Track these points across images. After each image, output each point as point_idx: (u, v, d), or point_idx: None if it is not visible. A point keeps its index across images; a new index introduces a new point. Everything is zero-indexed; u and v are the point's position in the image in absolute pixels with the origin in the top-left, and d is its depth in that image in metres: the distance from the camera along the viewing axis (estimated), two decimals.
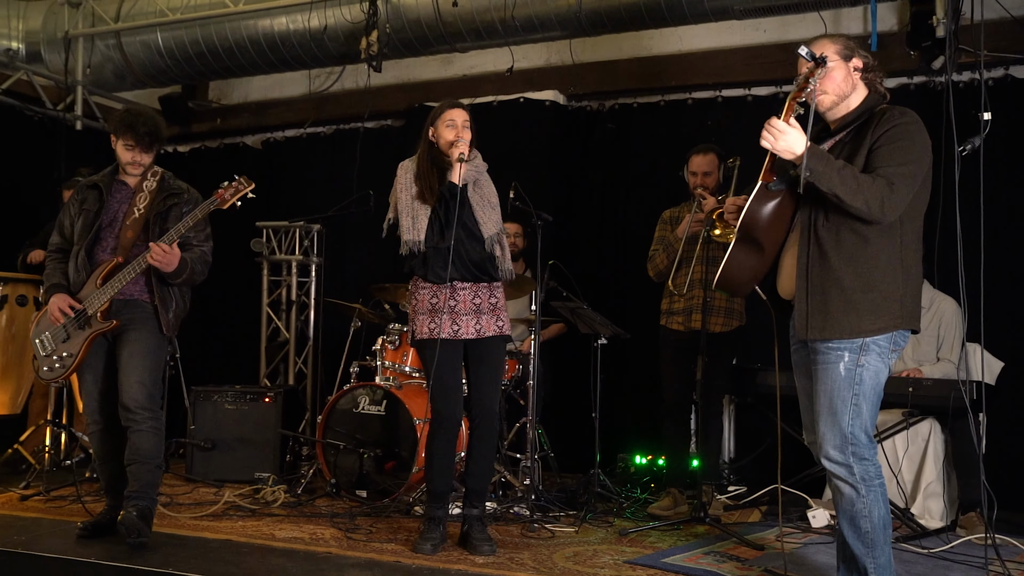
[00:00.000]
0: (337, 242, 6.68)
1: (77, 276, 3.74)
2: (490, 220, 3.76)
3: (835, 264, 2.74)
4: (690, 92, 5.98)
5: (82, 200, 3.86)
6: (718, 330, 4.58)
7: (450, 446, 3.75)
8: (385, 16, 5.89)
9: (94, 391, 3.79)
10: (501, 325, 3.80)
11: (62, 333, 3.73)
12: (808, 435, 2.96)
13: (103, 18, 6.53)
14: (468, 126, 3.75)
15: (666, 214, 4.88)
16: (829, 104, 2.84)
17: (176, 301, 3.82)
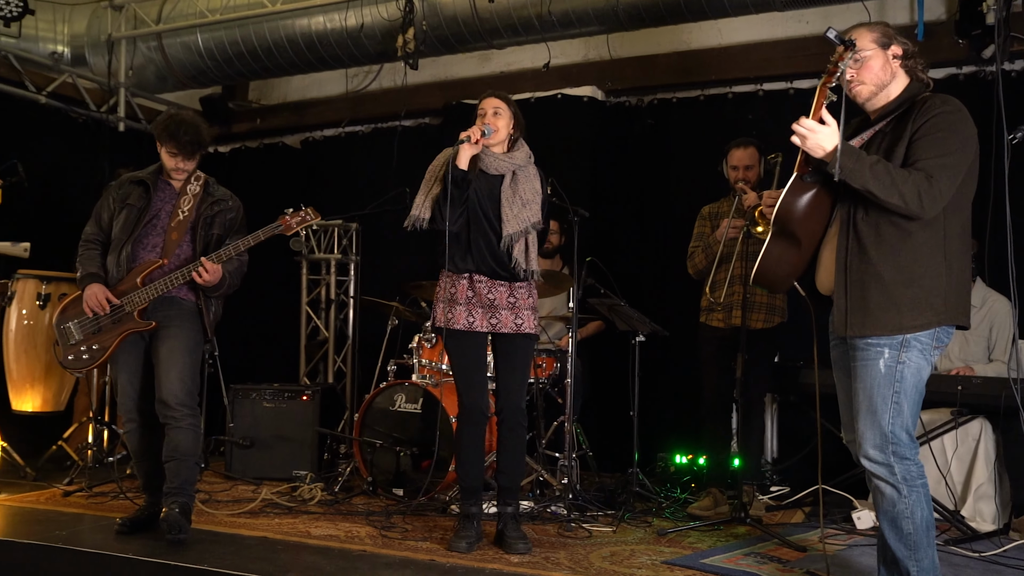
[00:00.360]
0: (375, 240, 6.68)
1: (117, 271, 3.77)
2: (516, 217, 3.65)
3: (875, 258, 2.65)
4: (730, 86, 5.88)
5: (125, 195, 3.89)
6: (759, 326, 4.49)
7: (477, 439, 3.72)
8: (421, 14, 5.87)
9: (130, 389, 3.82)
10: (520, 323, 3.70)
11: (93, 325, 3.75)
12: (847, 434, 2.87)
13: (145, 20, 6.60)
14: (500, 113, 3.70)
15: (705, 210, 4.80)
16: (867, 95, 2.75)
17: (215, 308, 3.90)
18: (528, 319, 3.73)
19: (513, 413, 3.71)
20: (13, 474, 4.90)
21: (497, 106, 3.71)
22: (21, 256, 4.81)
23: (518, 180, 3.70)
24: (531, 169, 3.75)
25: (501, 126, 3.70)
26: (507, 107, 3.73)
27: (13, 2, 5.91)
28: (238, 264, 3.88)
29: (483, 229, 3.67)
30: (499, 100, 3.73)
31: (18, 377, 4.94)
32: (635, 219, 6.03)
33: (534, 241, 3.71)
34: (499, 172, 3.70)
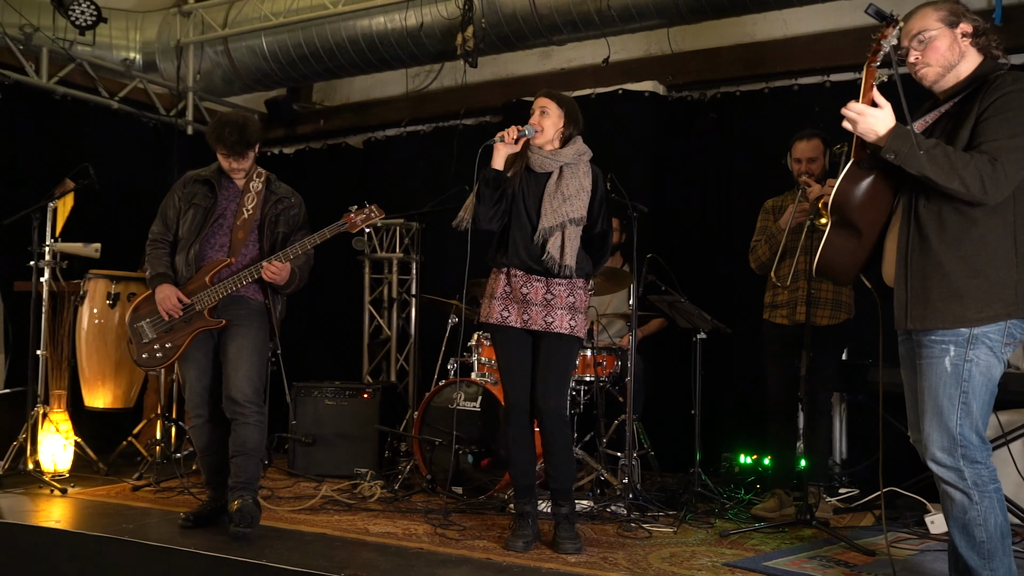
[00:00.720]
0: (438, 239, 6.69)
1: (186, 270, 3.86)
2: (554, 212, 3.57)
3: (936, 248, 2.53)
4: (796, 78, 5.73)
5: (191, 194, 3.97)
6: (824, 323, 4.36)
7: (523, 437, 3.67)
8: (480, 11, 5.86)
9: (198, 385, 3.89)
10: (550, 321, 3.59)
11: (165, 323, 3.84)
12: (914, 433, 2.75)
13: (212, 26, 6.73)
14: (547, 112, 3.66)
15: (768, 203, 4.68)
16: (934, 76, 2.63)
17: (282, 302, 3.97)
18: (561, 318, 3.60)
19: (547, 416, 3.61)
20: (87, 469, 5.05)
21: (544, 105, 3.67)
22: (92, 257, 4.93)
23: (564, 176, 3.64)
24: (581, 166, 3.68)
25: (547, 125, 3.65)
26: (555, 105, 3.67)
27: (88, 11, 6.06)
28: (305, 260, 3.93)
29: (522, 224, 3.64)
30: (547, 99, 3.69)
31: (90, 375, 5.08)
32: (697, 215, 5.92)
33: (573, 236, 3.59)
34: (546, 170, 3.66)
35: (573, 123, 3.71)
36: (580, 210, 3.60)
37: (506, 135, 3.60)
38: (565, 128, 3.68)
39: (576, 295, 3.66)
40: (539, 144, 3.68)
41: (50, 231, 4.84)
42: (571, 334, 3.62)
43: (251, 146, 3.90)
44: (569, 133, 3.70)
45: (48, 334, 4.92)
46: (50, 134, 6.11)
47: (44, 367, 4.92)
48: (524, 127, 3.64)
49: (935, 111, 2.67)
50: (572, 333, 3.62)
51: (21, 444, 4.72)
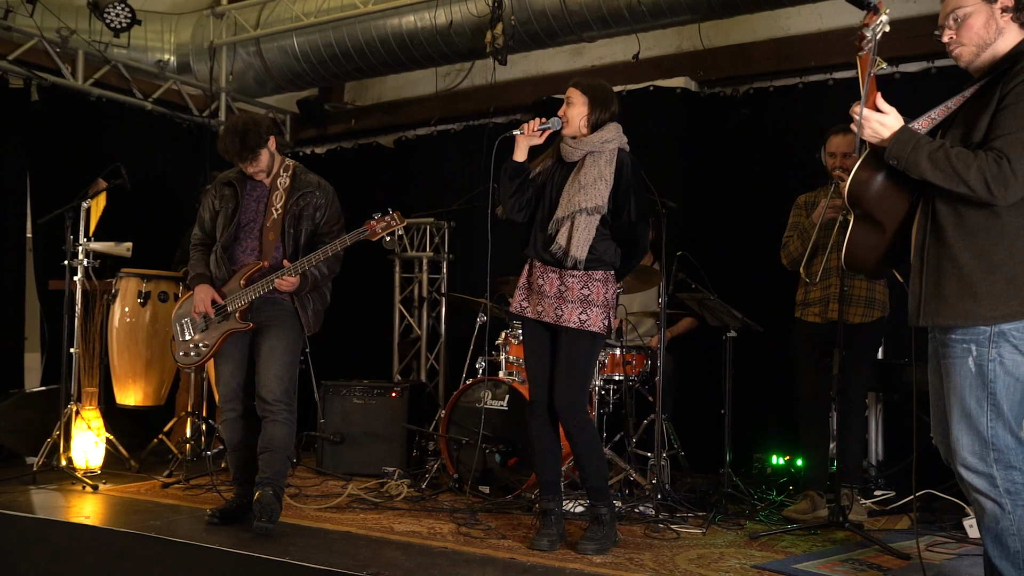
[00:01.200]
0: (468, 237, 6.68)
1: (218, 272, 3.90)
2: (569, 202, 3.50)
3: (951, 241, 2.42)
4: (831, 72, 5.62)
5: (220, 197, 4.01)
6: (858, 321, 4.26)
7: (545, 432, 3.62)
8: (510, 8, 5.83)
9: (231, 382, 3.93)
10: (561, 314, 3.50)
11: (202, 322, 3.88)
12: (936, 435, 2.63)
13: (244, 27, 6.78)
14: (572, 101, 3.60)
15: (801, 199, 4.59)
16: (969, 56, 2.51)
17: (313, 300, 3.94)
18: (571, 312, 3.49)
19: (563, 412, 3.53)
20: (119, 466, 5.09)
21: (568, 95, 3.61)
22: (124, 255, 4.98)
23: (584, 164, 3.57)
24: (605, 154, 3.55)
25: (572, 115, 3.59)
26: (579, 93, 3.60)
27: (122, 13, 6.13)
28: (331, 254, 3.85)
29: (544, 216, 3.62)
30: (572, 88, 3.63)
31: (121, 372, 5.13)
32: (729, 212, 5.84)
33: (584, 226, 3.46)
34: (573, 159, 3.61)
35: (600, 107, 3.59)
36: (595, 199, 3.48)
37: (526, 128, 3.58)
38: (591, 114, 3.58)
39: (592, 287, 3.52)
40: (569, 134, 3.63)
41: (83, 230, 4.89)
42: (580, 328, 3.48)
43: (254, 150, 3.84)
44: (597, 119, 3.59)
45: (81, 332, 4.97)
46: (85, 135, 6.19)
47: (77, 365, 4.97)
48: (550, 120, 3.60)
49: (958, 96, 2.55)
50: (582, 328, 3.48)
51: (55, 441, 4.76)
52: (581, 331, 3.50)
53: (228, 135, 3.87)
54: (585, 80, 3.70)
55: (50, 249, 5.74)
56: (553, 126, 3.59)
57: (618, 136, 3.62)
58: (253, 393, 3.90)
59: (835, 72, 5.60)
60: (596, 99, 3.61)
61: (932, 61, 5.28)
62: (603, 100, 3.63)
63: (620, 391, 4.89)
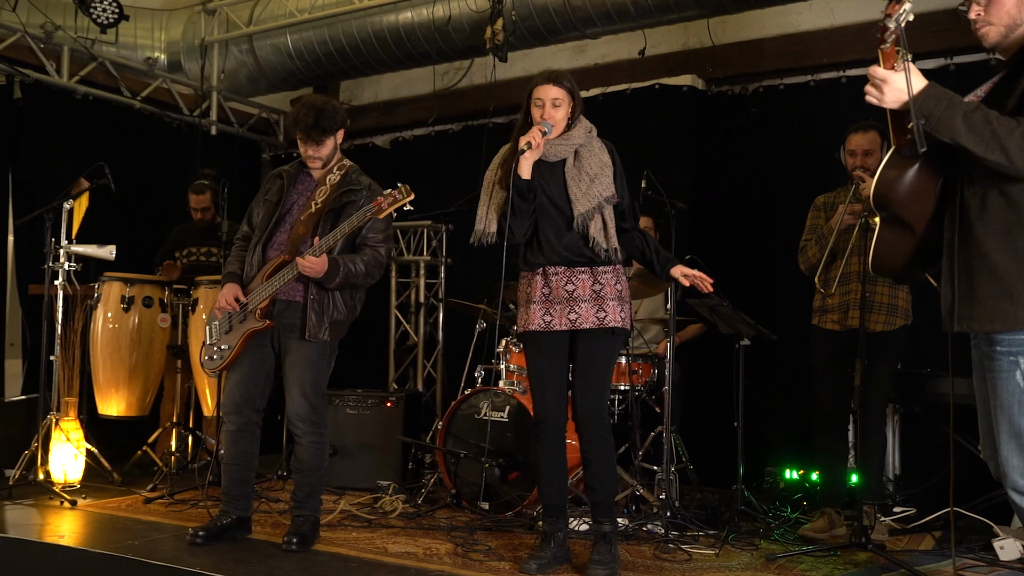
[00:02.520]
0: (467, 241, 6.41)
1: (250, 270, 3.67)
2: (585, 195, 3.29)
3: (981, 237, 2.20)
4: (843, 70, 5.41)
5: (268, 190, 3.80)
6: (879, 329, 4.04)
7: (553, 451, 3.39)
8: (511, 3, 5.62)
9: (234, 392, 3.69)
10: (603, 316, 3.30)
11: (226, 324, 3.67)
12: (984, 449, 2.41)
13: (237, 24, 6.57)
14: (560, 102, 3.32)
15: (819, 200, 4.37)
16: (996, 37, 2.28)
17: (336, 306, 3.64)
18: (614, 311, 3.31)
19: (589, 424, 3.32)
20: (101, 479, 4.86)
21: (556, 96, 3.32)
22: (107, 259, 4.74)
23: (581, 157, 3.35)
24: (595, 143, 3.39)
25: (560, 116, 3.33)
26: (567, 93, 3.33)
27: (109, 8, 5.92)
28: (371, 255, 3.62)
29: (551, 219, 3.34)
30: (557, 88, 3.32)
31: (104, 381, 4.90)
32: (739, 214, 5.62)
33: (611, 216, 3.32)
34: (561, 157, 3.37)
35: (578, 100, 3.40)
36: (610, 187, 3.33)
37: (533, 141, 3.27)
38: (573, 113, 3.38)
39: (622, 282, 3.39)
40: (555, 135, 3.36)
41: (65, 232, 4.66)
42: (622, 326, 3.34)
43: (327, 132, 3.65)
44: (575, 115, 3.40)
45: (61, 339, 4.73)
46: (70, 134, 5.97)
47: (57, 374, 4.73)
48: (543, 126, 3.31)
49: (988, 83, 2.32)
50: (623, 325, 3.35)
51: (32, 453, 4.53)
52: (623, 329, 3.36)
53: (305, 108, 3.66)
54: (565, 77, 3.39)
55: (32, 252, 5.51)
56: (547, 131, 3.32)
57: (592, 125, 3.47)
58: (255, 407, 3.69)
59: (848, 69, 5.40)
60: (576, 96, 3.41)
61: (951, 57, 5.08)
62: (578, 91, 3.43)
63: (626, 401, 4.67)
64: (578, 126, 3.40)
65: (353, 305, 3.74)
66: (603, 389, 3.39)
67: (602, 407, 3.37)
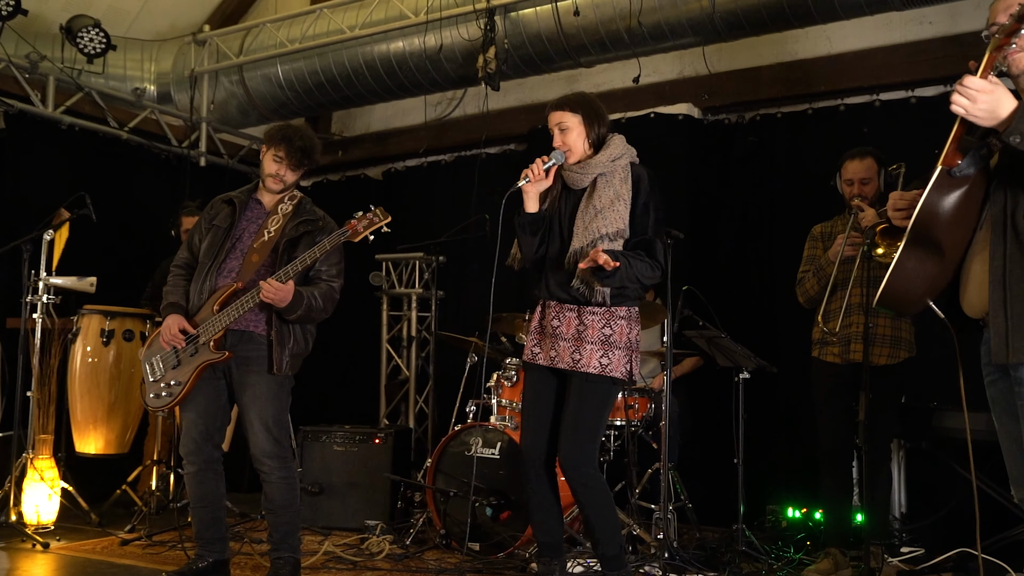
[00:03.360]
0: (460, 273, 6.35)
1: (198, 299, 3.48)
2: (585, 229, 3.10)
3: None
4: (842, 98, 5.33)
5: (214, 216, 3.62)
6: (882, 362, 3.91)
7: (541, 488, 3.20)
8: (503, 32, 5.55)
9: (193, 430, 3.50)
10: (579, 359, 3.08)
11: (173, 359, 3.48)
12: (1018, 491, 2.27)
13: (227, 54, 6.50)
14: (567, 126, 3.19)
15: (816, 230, 4.26)
16: None
17: (296, 339, 3.47)
18: (590, 355, 3.07)
19: (569, 468, 3.10)
20: (78, 519, 4.68)
21: (560, 120, 3.19)
22: (88, 291, 4.61)
23: (596, 187, 3.16)
24: (618, 172, 3.15)
25: (572, 140, 3.19)
26: (571, 114, 3.20)
27: (96, 39, 5.85)
28: (326, 289, 3.48)
29: (556, 250, 3.20)
30: (561, 112, 3.20)
31: (81, 418, 4.73)
32: (737, 244, 5.50)
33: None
34: (581, 186, 3.20)
35: (597, 121, 3.22)
36: (616, 223, 3.08)
37: (531, 173, 3.14)
38: (590, 132, 3.20)
39: (615, 327, 3.11)
40: (574, 160, 3.22)
41: (44, 264, 4.52)
42: (601, 374, 3.08)
43: (311, 161, 3.56)
44: (598, 134, 3.22)
45: (38, 375, 4.58)
46: (55, 164, 5.86)
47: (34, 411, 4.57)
48: (551, 155, 3.19)
49: None
50: (603, 372, 3.07)
51: (5, 493, 4.36)
52: (600, 377, 3.09)
53: (298, 130, 3.59)
54: (569, 98, 3.28)
55: (11, 284, 5.36)
56: (557, 160, 3.19)
57: (627, 150, 3.24)
58: (216, 443, 3.52)
59: (846, 97, 5.32)
60: (591, 116, 3.23)
61: (949, 85, 4.97)
62: (596, 112, 3.26)
63: (622, 437, 4.51)
64: (605, 151, 3.19)
65: (306, 340, 3.56)
66: (578, 437, 3.10)
67: (581, 453, 3.11)
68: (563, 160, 3.20)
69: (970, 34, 4.96)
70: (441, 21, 5.68)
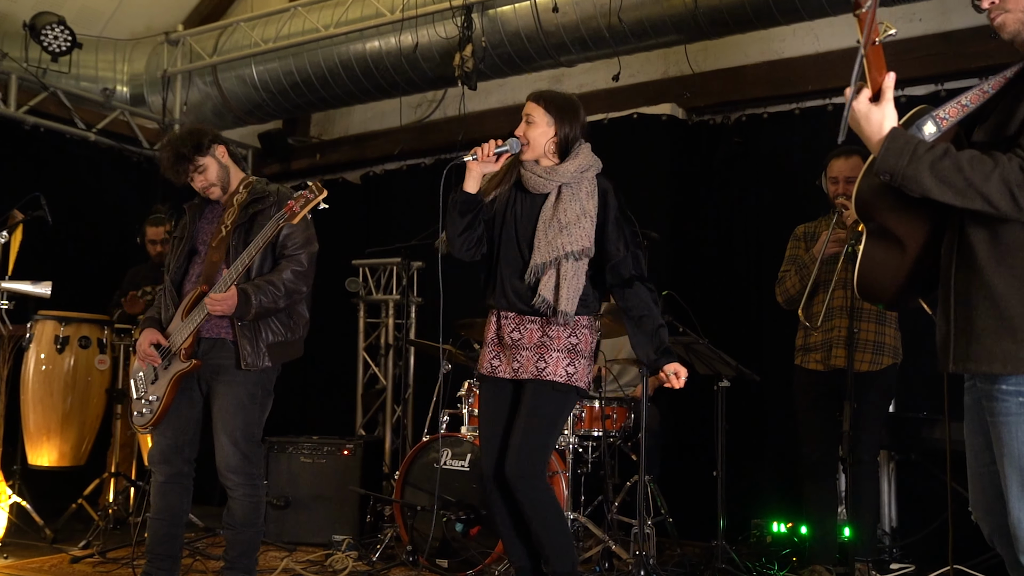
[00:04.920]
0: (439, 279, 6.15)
1: (167, 312, 3.32)
2: (548, 244, 2.91)
3: (983, 263, 1.89)
4: (830, 97, 5.15)
5: (179, 229, 3.48)
6: (864, 368, 3.72)
7: (502, 509, 2.97)
8: (480, 29, 5.37)
9: (162, 440, 3.32)
10: (543, 367, 2.90)
11: (151, 373, 3.31)
12: (976, 510, 2.06)
13: (201, 55, 6.33)
14: (533, 120, 2.99)
15: (799, 230, 4.08)
16: (1014, 26, 1.94)
17: (270, 327, 3.26)
18: (556, 363, 2.91)
19: (517, 478, 2.86)
20: (34, 535, 4.48)
21: (529, 112, 3.01)
22: (43, 296, 4.41)
23: (561, 199, 2.96)
24: (584, 184, 2.98)
25: (535, 136, 2.99)
26: (541, 110, 3.00)
27: (61, 36, 5.68)
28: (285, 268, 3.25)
29: (510, 259, 3.00)
30: (534, 104, 3.02)
31: (34, 428, 4.54)
32: (722, 248, 5.32)
33: (572, 274, 2.90)
34: (541, 191, 3.01)
35: (569, 124, 3.01)
36: (582, 240, 2.91)
37: (479, 151, 2.95)
38: (558, 133, 3.01)
39: (580, 335, 2.96)
40: (530, 159, 3.02)
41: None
42: (566, 382, 2.91)
43: (188, 158, 3.31)
44: (566, 136, 3.01)
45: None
46: (17, 166, 5.67)
47: None
48: (507, 141, 2.99)
49: (997, 77, 2.00)
50: (568, 381, 2.91)
51: None
52: (565, 385, 2.92)
53: (163, 149, 3.41)
54: (546, 92, 3.08)
55: None
56: (512, 149, 2.98)
57: (594, 161, 3.04)
58: (184, 455, 3.32)
59: (834, 97, 5.14)
60: (563, 114, 3.02)
61: (941, 83, 4.82)
62: (571, 114, 3.04)
63: (599, 449, 4.32)
64: (572, 159, 3.00)
65: (288, 327, 3.35)
66: (529, 443, 2.89)
67: (535, 464, 2.91)
68: (517, 151, 3.00)
69: (962, 31, 4.80)
70: (417, 19, 5.51)
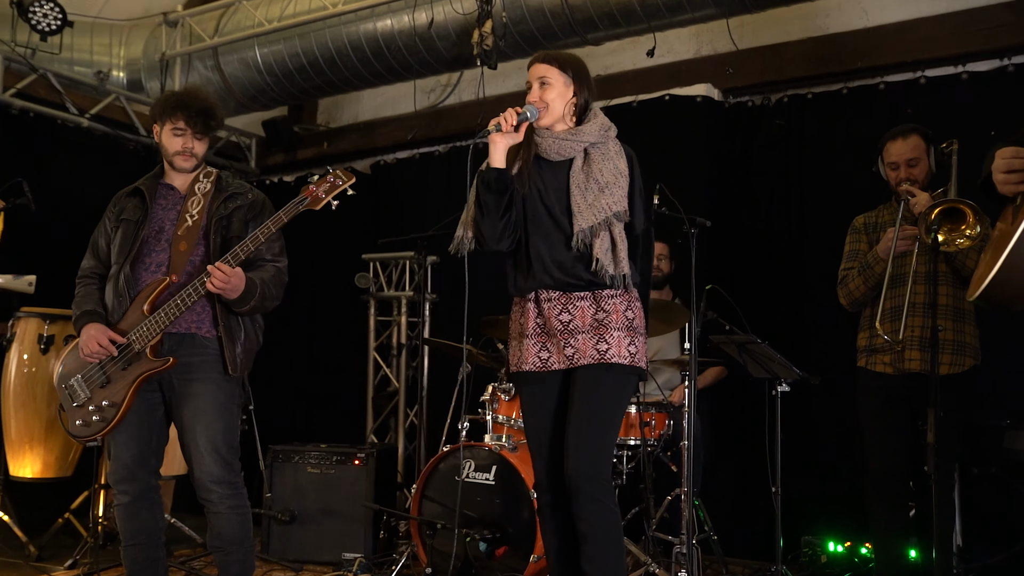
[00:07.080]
0: (455, 274, 5.75)
1: (118, 303, 2.94)
2: (591, 206, 2.64)
3: None
4: (881, 75, 4.75)
5: (120, 211, 3.09)
6: (944, 371, 3.30)
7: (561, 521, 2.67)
8: (501, 4, 4.98)
9: (124, 455, 2.96)
10: (605, 349, 2.62)
11: (99, 376, 2.92)
12: None
13: (201, 36, 5.96)
14: (549, 82, 2.72)
15: (858, 221, 3.66)
16: None
17: (246, 332, 3.00)
18: (619, 343, 2.63)
19: (582, 485, 2.57)
20: (16, 552, 4.11)
21: (543, 75, 2.73)
22: (26, 291, 4.06)
23: (592, 160, 2.70)
24: (611, 144, 2.75)
25: (553, 99, 2.72)
26: (557, 71, 2.73)
27: (51, 14, 5.30)
28: (274, 272, 3.01)
29: (545, 231, 2.70)
30: (547, 65, 2.74)
31: (16, 436, 4.16)
32: (765, 239, 4.91)
33: (622, 236, 2.65)
34: (566, 156, 2.73)
35: (586, 87, 2.78)
36: (623, 200, 2.67)
37: (503, 121, 2.65)
38: (577, 96, 2.75)
39: (635, 310, 2.72)
40: (547, 125, 2.74)
41: None
42: (632, 363, 2.65)
43: (216, 122, 3.08)
44: (584, 101, 2.77)
45: None
46: (4, 152, 5.29)
47: None
48: (524, 108, 2.70)
49: None
50: (633, 363, 2.65)
51: None
52: (630, 368, 2.67)
53: (191, 93, 3.10)
54: (554, 52, 2.83)
55: None
56: (531, 116, 2.70)
57: (612, 123, 2.81)
58: (153, 469, 2.98)
59: (886, 75, 4.74)
60: (580, 78, 2.79)
61: (1008, 58, 4.41)
62: (585, 74, 2.82)
63: (636, 458, 3.93)
64: (591, 120, 2.76)
65: (257, 334, 3.09)
66: (601, 441, 2.65)
67: (601, 465, 2.63)
68: (536, 117, 2.70)
69: None
70: None
